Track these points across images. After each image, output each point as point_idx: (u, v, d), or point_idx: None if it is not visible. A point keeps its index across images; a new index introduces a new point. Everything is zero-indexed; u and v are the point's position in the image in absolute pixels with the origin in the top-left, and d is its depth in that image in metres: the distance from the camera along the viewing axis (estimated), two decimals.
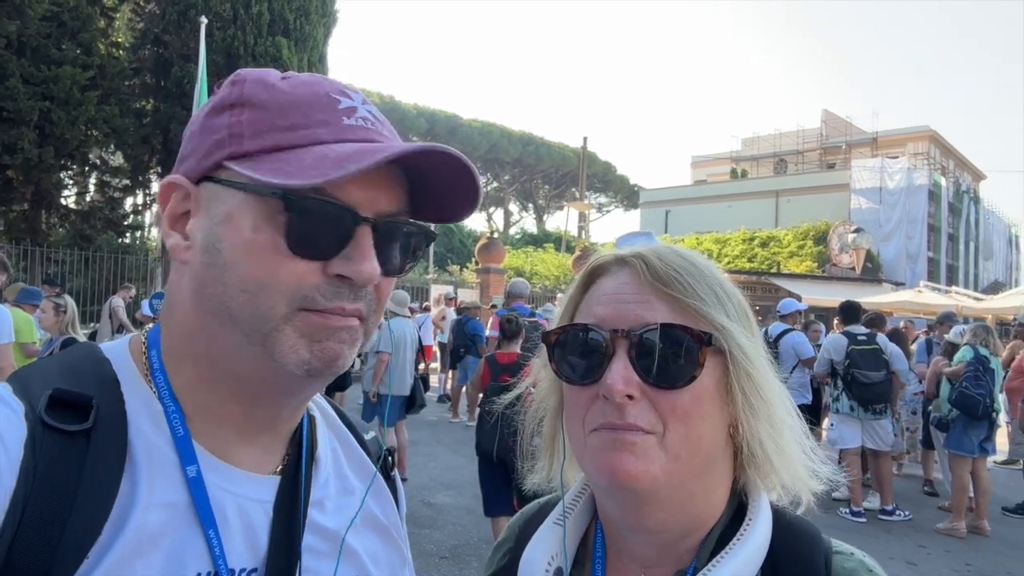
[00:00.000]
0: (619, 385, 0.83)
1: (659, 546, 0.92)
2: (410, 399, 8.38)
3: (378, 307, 0.85)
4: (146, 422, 0.79)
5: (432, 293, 20.77)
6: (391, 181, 0.83)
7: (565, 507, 1.00)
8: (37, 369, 0.82)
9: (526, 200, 61.28)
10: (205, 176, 0.82)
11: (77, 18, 17.08)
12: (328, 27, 20.61)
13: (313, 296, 0.78)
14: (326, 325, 0.79)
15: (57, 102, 16.12)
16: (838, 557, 0.89)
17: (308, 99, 0.82)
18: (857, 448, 7.91)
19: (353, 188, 0.79)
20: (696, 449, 0.86)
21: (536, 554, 0.97)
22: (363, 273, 0.79)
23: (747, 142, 48.35)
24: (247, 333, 0.78)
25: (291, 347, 0.77)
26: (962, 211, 40.31)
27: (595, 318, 0.90)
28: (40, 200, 18.14)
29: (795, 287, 24.15)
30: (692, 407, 0.85)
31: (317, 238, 0.78)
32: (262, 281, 0.77)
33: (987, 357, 7.50)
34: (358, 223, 0.79)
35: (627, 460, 0.83)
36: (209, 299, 0.80)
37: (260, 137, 0.79)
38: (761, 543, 0.88)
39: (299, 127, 0.80)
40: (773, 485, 0.93)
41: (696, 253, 0.94)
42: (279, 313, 0.77)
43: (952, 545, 7.12)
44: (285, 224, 0.77)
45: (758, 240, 35.04)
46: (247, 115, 0.81)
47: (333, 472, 0.97)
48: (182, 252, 0.82)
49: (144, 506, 0.75)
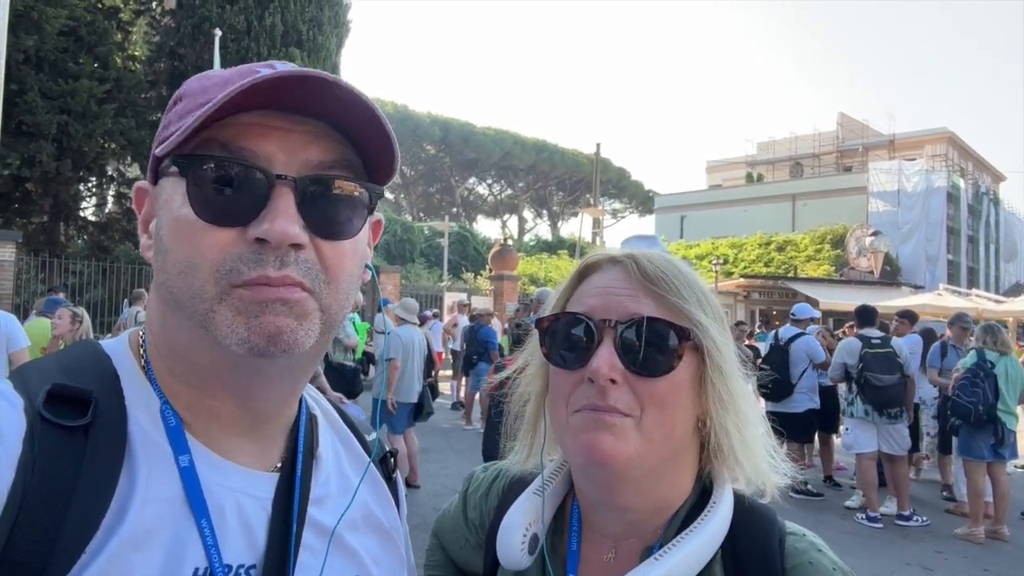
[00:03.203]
0: (604, 369, 0.90)
1: (628, 523, 0.99)
2: (418, 406, 8.36)
3: (329, 277, 0.79)
4: (144, 416, 0.79)
5: (446, 300, 20.82)
6: (312, 136, 0.80)
7: (544, 480, 1.07)
8: (37, 365, 0.82)
9: (540, 207, 61.34)
10: (156, 174, 0.83)
11: (94, 32, 17.38)
12: (341, 38, 20.80)
13: (237, 267, 0.75)
14: (255, 298, 0.75)
15: (74, 115, 16.38)
16: (791, 538, 0.96)
17: (229, 76, 0.81)
18: (873, 452, 7.81)
19: (267, 146, 0.77)
20: (669, 434, 0.93)
21: (515, 519, 1.03)
22: (274, 231, 0.74)
23: (762, 146, 48.16)
24: (190, 316, 0.77)
25: (228, 326, 0.75)
26: (982, 213, 39.89)
27: (586, 308, 0.97)
28: (58, 212, 18.42)
29: (812, 291, 24.00)
30: (668, 395, 0.92)
31: (228, 203, 0.75)
32: (191, 259, 0.76)
33: (990, 361, 7.32)
34: (272, 182, 0.76)
35: (605, 439, 0.90)
36: (159, 287, 0.80)
37: (181, 120, 0.79)
38: (722, 524, 0.95)
39: (211, 100, 0.77)
40: (737, 476, 0.99)
41: (681, 260, 1.02)
42: (210, 292, 0.75)
43: (970, 551, 7.00)
44: (188, 192, 0.76)
45: (775, 244, 34.87)
46: (178, 106, 0.82)
47: (335, 471, 0.96)
48: (147, 252, 0.84)
49: (142, 500, 0.74)
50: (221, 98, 0.73)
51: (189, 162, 0.76)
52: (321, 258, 0.79)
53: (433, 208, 55.44)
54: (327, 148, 0.81)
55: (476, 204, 59.88)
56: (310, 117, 0.80)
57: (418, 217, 52.09)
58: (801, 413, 8.75)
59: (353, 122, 0.81)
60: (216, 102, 0.73)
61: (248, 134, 0.77)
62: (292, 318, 0.76)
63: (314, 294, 0.78)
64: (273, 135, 0.78)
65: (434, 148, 51.82)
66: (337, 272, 0.81)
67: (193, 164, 0.76)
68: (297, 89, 0.76)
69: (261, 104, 0.77)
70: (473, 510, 1.19)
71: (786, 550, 0.94)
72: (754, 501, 1.01)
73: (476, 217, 59.25)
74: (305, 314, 0.78)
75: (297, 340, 0.77)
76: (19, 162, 16.12)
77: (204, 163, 0.76)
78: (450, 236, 31.68)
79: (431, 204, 56.66)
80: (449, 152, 52.44)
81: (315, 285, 0.78)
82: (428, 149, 51.30)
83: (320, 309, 0.79)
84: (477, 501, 1.20)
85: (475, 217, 58.93)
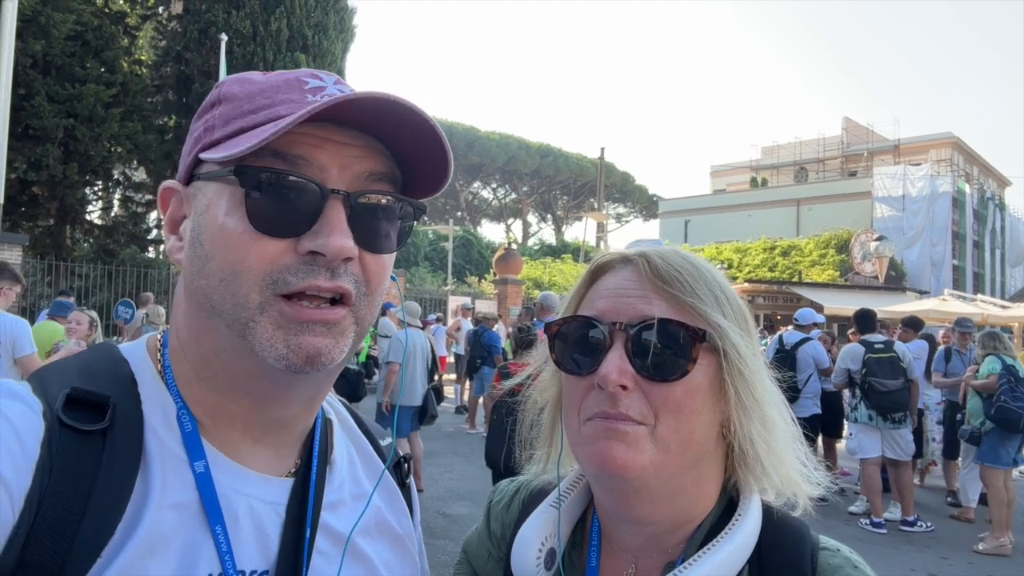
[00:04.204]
0: (613, 375, 0.85)
1: (648, 537, 0.94)
2: (422, 410, 8.34)
3: (368, 289, 0.81)
4: (160, 422, 0.80)
5: (450, 304, 20.82)
6: (365, 150, 0.81)
7: (561, 493, 1.03)
8: (56, 368, 0.83)
9: (544, 211, 61.30)
10: (191, 176, 0.84)
11: (101, 37, 17.47)
12: (346, 42, 20.87)
13: (284, 277, 0.75)
14: (299, 318, 0.76)
15: (81, 119, 16.46)
16: (824, 553, 0.90)
17: (276, 83, 0.82)
18: (878, 458, 7.79)
19: (321, 157, 0.78)
20: (686, 443, 0.87)
21: (529, 533, 0.99)
22: (331, 245, 0.75)
23: (767, 151, 48.05)
24: (229, 324, 0.77)
25: (268, 340, 0.76)
26: (987, 218, 39.74)
27: (596, 311, 0.92)
28: (65, 215, 18.49)
29: (817, 296, 23.91)
30: (684, 401, 0.86)
31: (281, 214, 0.76)
32: (236, 267, 0.76)
33: (1014, 366, 7.25)
34: (325, 196, 0.77)
35: (617, 449, 0.85)
36: (195, 293, 0.80)
37: (227, 124, 0.80)
38: (749, 537, 0.89)
39: (261, 108, 0.79)
40: (765, 486, 0.94)
41: (699, 257, 0.97)
42: (254, 302, 0.76)
43: (975, 557, 6.96)
44: (246, 202, 0.76)
45: (779, 249, 34.73)
46: (220, 109, 0.83)
47: (348, 477, 0.96)
48: (176, 253, 0.85)
49: (157, 506, 0.75)
50: (306, 112, 0.73)
51: (251, 172, 0.76)
52: (364, 270, 0.81)
53: (437, 212, 55.44)
54: (376, 162, 0.82)
55: (480, 208, 59.86)
56: (361, 131, 0.81)
57: (422, 221, 51.39)
58: (807, 418, 8.72)
59: (406, 139, 0.82)
60: (300, 115, 0.73)
61: (303, 144, 0.78)
62: (331, 337, 0.78)
63: (354, 307, 0.80)
64: (327, 147, 0.78)
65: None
66: (376, 284, 0.83)
67: (251, 174, 0.76)
68: (358, 106, 0.77)
69: (316, 116, 0.77)
70: (495, 521, 1.15)
71: (819, 567, 0.89)
72: (784, 513, 0.95)
73: (480, 221, 59.22)
74: (342, 332, 0.79)
75: (333, 358, 0.79)
76: (26, 166, 16.20)
77: (265, 175, 0.76)
78: (454, 240, 31.70)
79: (435, 208, 56.64)
80: (454, 156, 52.13)
81: (358, 297, 0.80)
82: None
83: (356, 322, 0.81)
84: (499, 513, 1.15)
85: (479, 221, 58.89)
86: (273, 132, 0.73)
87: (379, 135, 0.82)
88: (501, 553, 1.10)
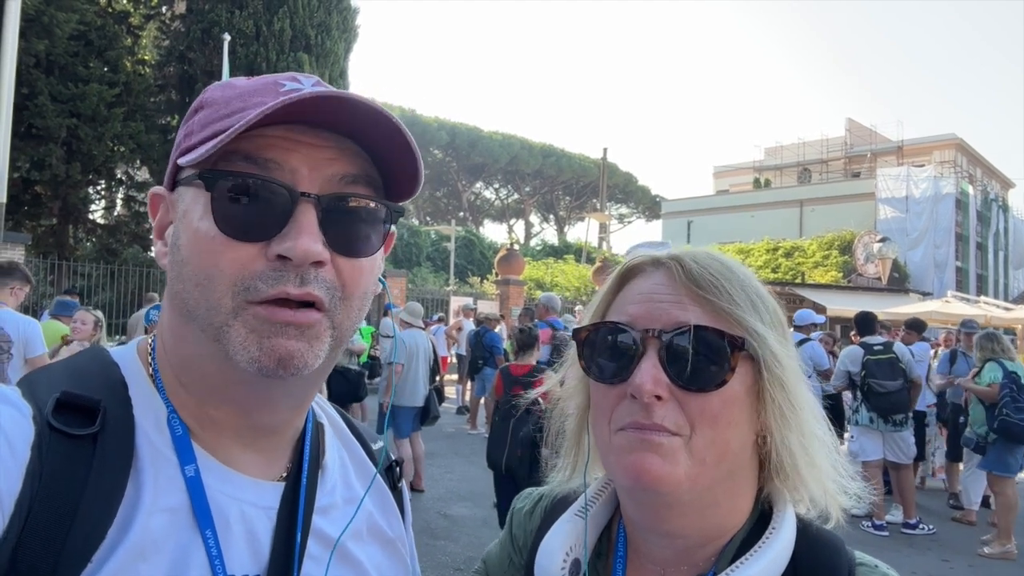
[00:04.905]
0: (648, 384, 0.82)
1: (678, 550, 0.91)
2: (424, 411, 8.32)
3: (344, 294, 0.80)
4: (151, 426, 0.79)
5: (452, 305, 20.82)
6: (337, 151, 0.80)
7: (587, 501, 1.00)
8: (45, 373, 0.82)
9: (547, 211, 61.33)
10: (175, 181, 0.84)
11: (104, 37, 17.53)
12: (349, 42, 20.91)
13: (255, 284, 0.75)
14: (270, 319, 0.75)
15: (84, 119, 16.51)
16: (862, 569, 0.87)
17: (254, 87, 0.82)
18: (879, 460, 7.77)
19: (292, 160, 0.78)
20: (722, 454, 0.84)
21: (554, 544, 0.96)
22: (297, 248, 0.74)
23: (770, 151, 48.01)
24: (204, 328, 0.77)
25: (241, 343, 0.75)
26: (991, 220, 39.68)
27: (627, 317, 0.89)
28: (68, 215, 18.54)
29: (820, 297, 23.87)
30: (721, 411, 0.83)
31: (250, 218, 0.75)
32: (209, 272, 0.76)
33: (1016, 372, 7.17)
34: (295, 199, 0.76)
35: (652, 461, 0.82)
36: (174, 297, 0.80)
37: (204, 129, 0.80)
38: (783, 552, 0.86)
39: (235, 112, 0.78)
40: (800, 497, 0.91)
41: (732, 258, 0.94)
42: (226, 306, 0.75)
43: (977, 560, 6.95)
44: (212, 206, 0.76)
45: (782, 250, 34.72)
46: (201, 114, 0.83)
47: (340, 481, 0.95)
48: (162, 258, 0.84)
49: (148, 510, 0.74)
50: (256, 115, 0.72)
51: (214, 176, 0.76)
52: (339, 275, 0.80)
53: (440, 212, 55.51)
54: (350, 164, 0.81)
55: (483, 208, 59.93)
56: (334, 132, 0.80)
57: (425, 221, 52.14)
58: None
59: (378, 140, 0.81)
60: (251, 119, 0.72)
61: (274, 147, 0.77)
62: (304, 341, 0.77)
63: (328, 312, 0.79)
64: (299, 149, 0.78)
65: (441, 152, 51.87)
66: (353, 289, 0.81)
67: (218, 179, 0.76)
68: (326, 106, 0.76)
69: (287, 118, 0.76)
70: (518, 528, 1.12)
71: None
72: (820, 527, 0.92)
73: (483, 221, 59.30)
74: (316, 336, 0.78)
75: (307, 362, 0.77)
76: (29, 165, 16.25)
77: (229, 179, 0.76)
78: (456, 240, 31.71)
79: (438, 208, 56.71)
80: (456, 156, 52.50)
81: (331, 303, 0.79)
82: (435, 153, 51.30)
83: (332, 327, 0.80)
84: (522, 520, 1.12)
85: (482, 221, 58.97)
86: (228, 134, 0.73)
87: (353, 136, 0.81)
88: (522, 561, 1.07)
